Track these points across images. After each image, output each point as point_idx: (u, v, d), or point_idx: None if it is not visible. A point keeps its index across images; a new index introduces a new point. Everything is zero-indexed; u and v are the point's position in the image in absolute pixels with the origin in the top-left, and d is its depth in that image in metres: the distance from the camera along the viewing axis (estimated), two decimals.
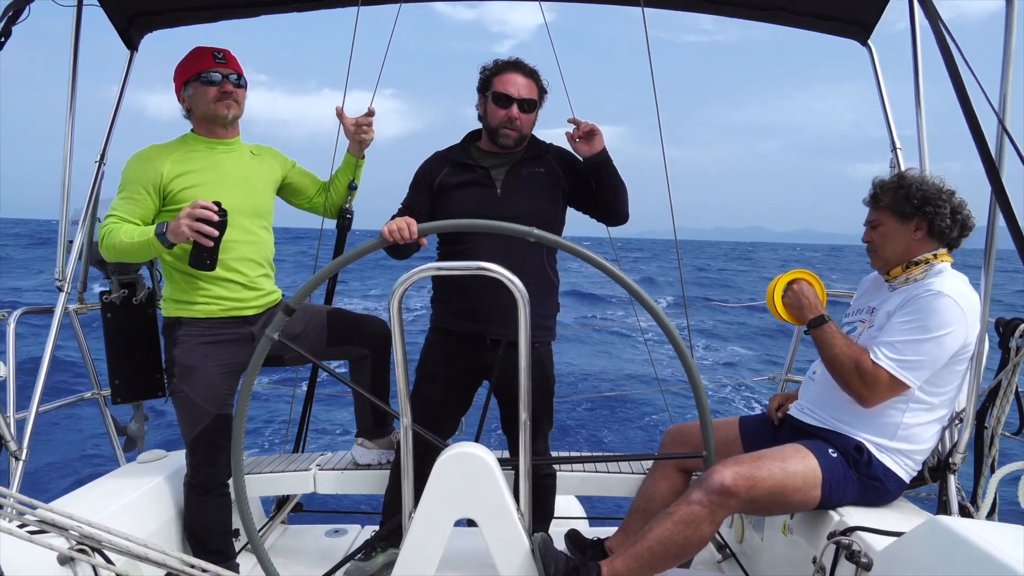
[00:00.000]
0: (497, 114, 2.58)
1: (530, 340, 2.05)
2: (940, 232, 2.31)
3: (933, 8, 2.11)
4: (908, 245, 2.34)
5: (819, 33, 3.20)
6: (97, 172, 2.95)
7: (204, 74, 2.54)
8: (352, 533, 3.39)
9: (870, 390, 2.21)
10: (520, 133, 2.60)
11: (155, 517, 2.67)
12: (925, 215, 2.30)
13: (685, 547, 2.11)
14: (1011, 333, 2.34)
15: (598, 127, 2.56)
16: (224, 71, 2.57)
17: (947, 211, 2.28)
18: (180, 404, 2.59)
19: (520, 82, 2.57)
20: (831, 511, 2.26)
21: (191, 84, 2.58)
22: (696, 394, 2.02)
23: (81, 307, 3.03)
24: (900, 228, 2.34)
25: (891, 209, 2.35)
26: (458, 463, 2.08)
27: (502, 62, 2.62)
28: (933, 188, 2.31)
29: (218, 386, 2.56)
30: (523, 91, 2.57)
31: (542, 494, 2.82)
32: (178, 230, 2.28)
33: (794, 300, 2.46)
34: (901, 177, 2.38)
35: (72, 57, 2.88)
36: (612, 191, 2.66)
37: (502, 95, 2.56)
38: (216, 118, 2.59)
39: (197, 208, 2.27)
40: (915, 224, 2.32)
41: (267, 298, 2.71)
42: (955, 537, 1.66)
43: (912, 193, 2.31)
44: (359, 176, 2.97)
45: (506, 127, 2.57)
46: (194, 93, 2.58)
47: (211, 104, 2.56)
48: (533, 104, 2.60)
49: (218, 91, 2.56)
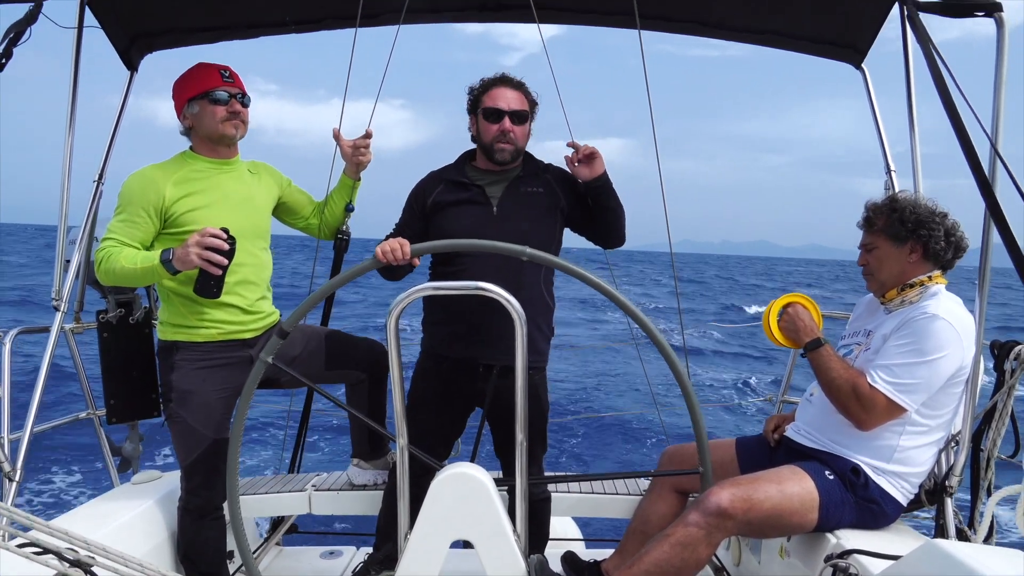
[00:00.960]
0: (489, 129, 2.57)
1: (527, 362, 2.05)
2: (935, 255, 2.32)
3: (925, 33, 2.14)
4: (903, 268, 2.36)
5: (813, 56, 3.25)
6: (95, 191, 2.96)
7: (211, 93, 2.49)
8: (347, 555, 3.36)
9: (868, 413, 2.21)
10: (515, 146, 2.59)
11: (150, 538, 2.65)
12: (919, 238, 2.31)
13: (682, 569, 2.10)
14: (1006, 355, 2.35)
15: (598, 151, 2.55)
16: (231, 90, 2.52)
17: (941, 234, 2.30)
18: (177, 429, 2.54)
19: (509, 95, 2.58)
20: (828, 534, 2.26)
21: (196, 102, 2.51)
22: (692, 413, 2.02)
23: (77, 326, 3.02)
24: (895, 251, 2.36)
25: (885, 232, 2.37)
26: (454, 483, 2.07)
27: (488, 79, 2.63)
28: (926, 211, 2.32)
29: (216, 410, 2.52)
30: (513, 103, 2.57)
31: (538, 517, 2.80)
32: (186, 258, 2.23)
33: (789, 324, 2.47)
34: (893, 200, 2.39)
35: (72, 78, 2.89)
36: (611, 213, 2.65)
37: (492, 110, 2.56)
38: (223, 138, 2.54)
39: (207, 237, 2.23)
40: (910, 247, 2.33)
41: (265, 320, 2.67)
42: (952, 561, 1.65)
43: (906, 216, 2.32)
44: (355, 197, 2.95)
45: (500, 141, 2.56)
46: (200, 112, 2.51)
47: (219, 125, 2.51)
48: (524, 116, 2.60)
49: (227, 111, 2.51)
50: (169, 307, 2.54)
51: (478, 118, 2.62)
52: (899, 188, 3.01)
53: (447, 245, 2.35)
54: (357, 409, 2.90)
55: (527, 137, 2.65)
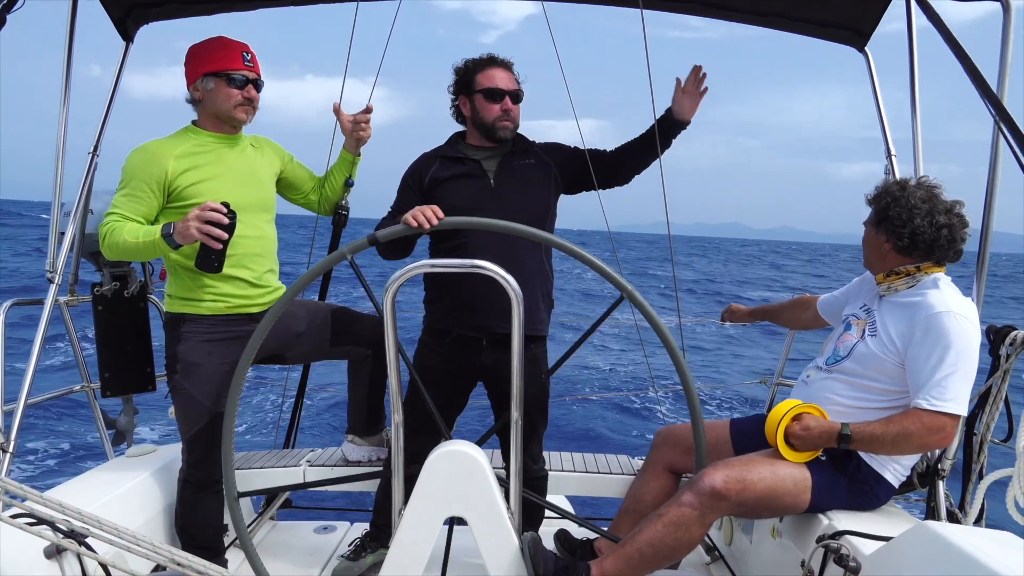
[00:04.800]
0: (492, 109, 2.60)
1: (523, 338, 2.05)
2: (903, 250, 2.27)
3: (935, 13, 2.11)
4: (880, 255, 2.34)
5: (815, 39, 3.22)
6: (90, 163, 2.93)
7: (232, 74, 2.50)
8: (341, 530, 3.38)
9: (940, 436, 2.14)
10: (515, 124, 2.66)
11: (144, 511, 2.66)
12: (887, 230, 2.27)
13: (675, 549, 2.11)
14: (1001, 341, 2.35)
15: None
16: (250, 75, 2.54)
17: (906, 231, 2.23)
18: (181, 401, 2.56)
19: (503, 76, 2.64)
20: (820, 515, 2.27)
21: (212, 79, 2.50)
22: (688, 394, 2.02)
23: (72, 299, 3.01)
24: (873, 236, 2.35)
25: (872, 215, 2.36)
26: (449, 461, 2.08)
27: (476, 60, 2.67)
28: (907, 206, 2.23)
29: (220, 383, 2.51)
30: (510, 84, 2.64)
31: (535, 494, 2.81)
32: (186, 232, 2.23)
33: (805, 443, 2.22)
34: (896, 185, 2.33)
35: (67, 50, 2.85)
36: (653, 154, 2.71)
37: (493, 90, 2.60)
38: (233, 120, 2.56)
39: (207, 210, 2.22)
40: (884, 236, 2.30)
41: (272, 295, 2.67)
42: (943, 542, 1.67)
43: (886, 204, 2.28)
44: (355, 172, 2.95)
45: (503, 120, 2.61)
46: (215, 89, 2.51)
47: (233, 108, 2.52)
48: (520, 95, 2.67)
49: (242, 95, 2.52)
50: (176, 280, 2.55)
51: (475, 98, 2.63)
52: (898, 173, 3.00)
53: (479, 223, 2.18)
54: (358, 386, 2.91)
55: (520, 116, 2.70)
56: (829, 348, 2.49)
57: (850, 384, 2.32)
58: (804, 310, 2.87)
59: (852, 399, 2.31)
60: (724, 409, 10.66)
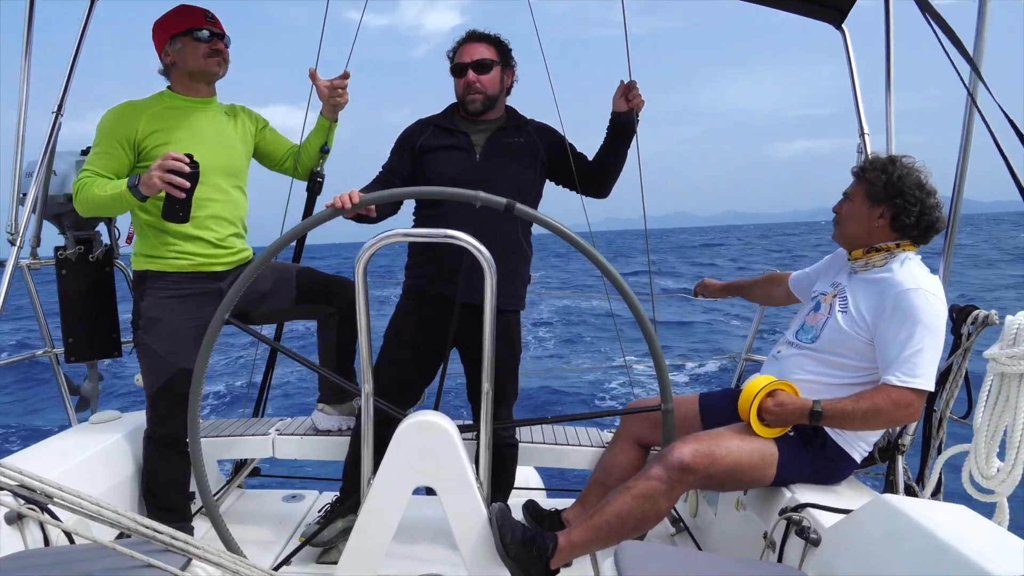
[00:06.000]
0: (458, 85, 2.68)
1: (495, 308, 2.05)
2: (901, 227, 2.30)
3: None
4: (869, 229, 2.35)
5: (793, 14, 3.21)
6: (54, 123, 2.84)
7: (196, 31, 2.56)
8: (309, 499, 3.38)
9: (908, 409, 2.17)
10: (484, 94, 2.65)
11: (108, 477, 2.62)
12: (893, 206, 2.29)
13: (642, 521, 2.14)
14: (964, 320, 2.40)
15: (637, 85, 2.68)
16: (214, 30, 2.60)
17: (916, 209, 2.26)
18: (143, 356, 2.60)
19: (472, 49, 2.66)
20: (783, 488, 2.31)
21: (180, 39, 2.58)
22: (651, 348, 2.04)
23: (34, 262, 2.94)
24: (866, 211, 2.34)
25: (866, 187, 2.34)
26: (418, 431, 2.08)
27: (458, 41, 2.72)
28: (914, 183, 2.27)
29: (182, 339, 2.54)
30: (474, 55, 2.65)
31: (503, 464, 2.83)
32: (150, 182, 2.29)
33: (778, 418, 2.24)
34: (892, 161, 2.34)
35: (28, 2, 2.75)
36: (620, 157, 2.76)
37: (456, 66, 2.68)
38: (206, 75, 2.62)
39: (169, 160, 2.28)
40: (880, 211, 2.32)
41: (238, 256, 2.72)
42: (899, 515, 1.71)
43: (892, 180, 2.28)
44: (331, 139, 2.96)
45: (469, 93, 2.65)
46: (183, 48, 2.58)
47: (203, 60, 2.58)
48: (487, 64, 2.65)
49: (209, 47, 2.59)
50: (142, 238, 2.61)
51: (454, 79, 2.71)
52: (870, 151, 3.02)
53: (392, 195, 2.26)
54: (326, 344, 2.89)
55: (498, 83, 2.70)
56: (796, 324, 2.52)
57: (820, 360, 2.35)
58: (776, 286, 2.90)
59: (822, 375, 2.34)
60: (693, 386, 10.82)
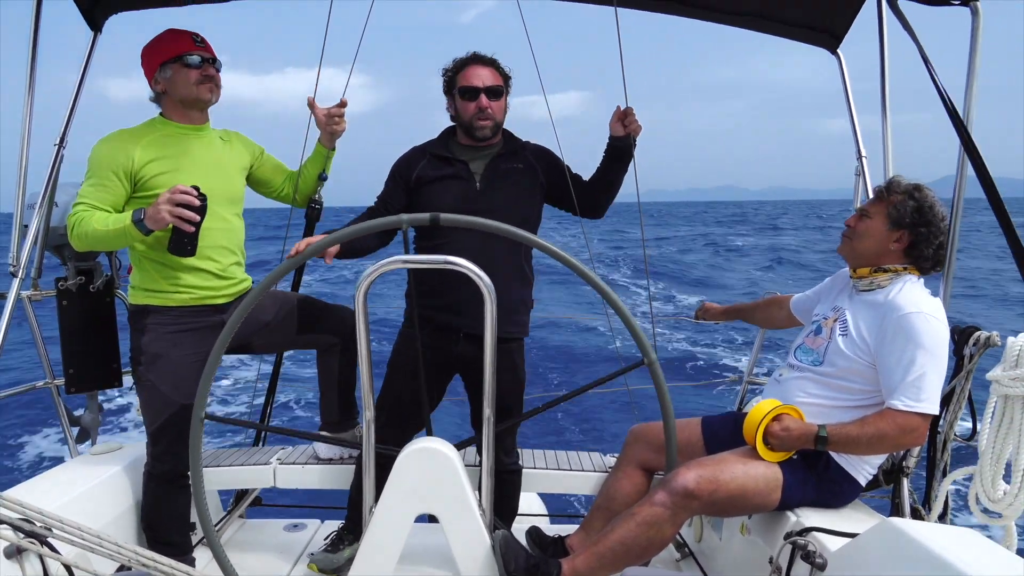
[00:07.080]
0: (467, 108, 2.62)
1: (496, 336, 2.04)
2: (917, 255, 2.33)
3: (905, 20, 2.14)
4: (883, 250, 2.35)
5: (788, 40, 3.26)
6: (56, 155, 2.86)
7: (185, 56, 2.49)
8: (311, 528, 3.35)
9: (914, 436, 2.18)
10: (494, 121, 2.64)
11: (108, 509, 2.61)
12: (916, 234, 2.31)
13: (647, 548, 2.13)
14: (965, 341, 2.40)
15: (633, 112, 2.64)
16: (204, 54, 2.53)
17: (937, 242, 2.30)
18: (145, 393, 2.54)
19: (482, 72, 2.63)
20: (788, 512, 2.30)
21: (169, 66, 2.50)
22: (661, 397, 2.02)
23: (35, 294, 2.94)
24: (885, 232, 2.34)
25: (890, 210, 2.35)
26: (420, 458, 2.07)
27: (460, 60, 2.69)
28: (939, 216, 2.31)
29: (185, 375, 2.49)
30: (487, 80, 2.63)
31: (507, 490, 2.81)
32: (157, 216, 2.22)
33: (783, 444, 2.24)
34: (918, 189, 2.35)
35: (32, 35, 2.79)
36: (616, 180, 2.73)
37: (467, 88, 2.61)
38: (197, 102, 2.55)
39: (177, 193, 2.22)
40: (899, 236, 2.33)
41: (238, 287, 2.68)
42: (906, 539, 1.70)
43: (922, 209, 2.30)
44: (329, 167, 2.94)
45: (479, 118, 2.61)
46: (173, 75, 2.50)
47: (193, 87, 2.51)
48: (499, 90, 2.64)
49: (200, 74, 2.51)
50: (141, 272, 2.54)
51: (456, 99, 2.66)
52: (869, 175, 3.05)
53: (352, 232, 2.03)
54: (327, 374, 2.87)
55: (504, 111, 2.69)
56: (798, 346, 2.52)
57: (823, 384, 2.35)
58: (777, 309, 2.90)
59: (825, 398, 2.34)
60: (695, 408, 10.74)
